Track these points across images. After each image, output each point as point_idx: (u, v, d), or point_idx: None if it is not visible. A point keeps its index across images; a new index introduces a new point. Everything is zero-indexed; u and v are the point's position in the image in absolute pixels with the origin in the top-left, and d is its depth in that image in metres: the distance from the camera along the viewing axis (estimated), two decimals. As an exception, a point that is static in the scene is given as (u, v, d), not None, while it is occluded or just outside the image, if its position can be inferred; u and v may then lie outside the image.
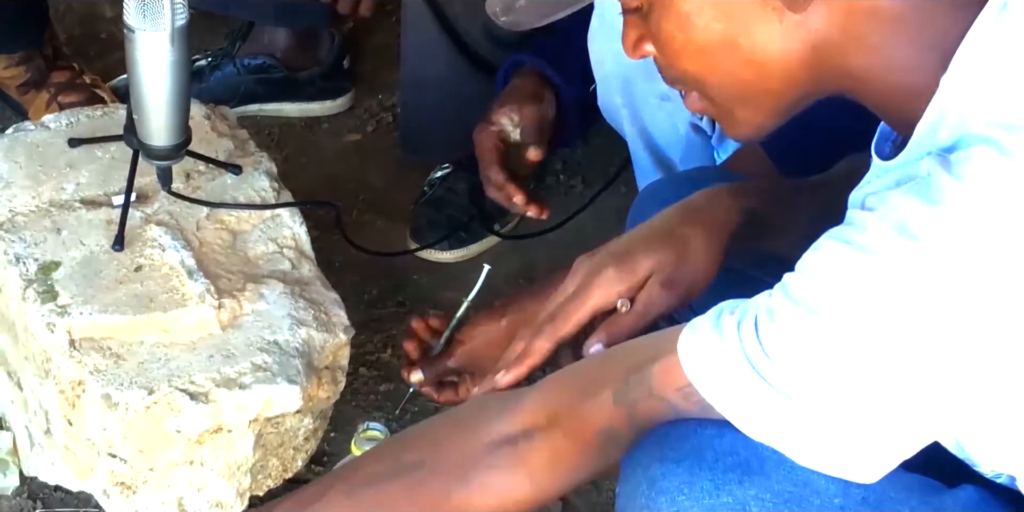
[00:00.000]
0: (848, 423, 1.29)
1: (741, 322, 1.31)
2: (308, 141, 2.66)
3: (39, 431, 2.04)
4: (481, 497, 1.46)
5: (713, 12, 1.34)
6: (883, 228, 1.25)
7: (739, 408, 1.31)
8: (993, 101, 1.25)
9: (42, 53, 2.58)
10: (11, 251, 1.99)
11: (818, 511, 1.37)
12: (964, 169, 1.22)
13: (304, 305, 1.99)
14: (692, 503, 1.37)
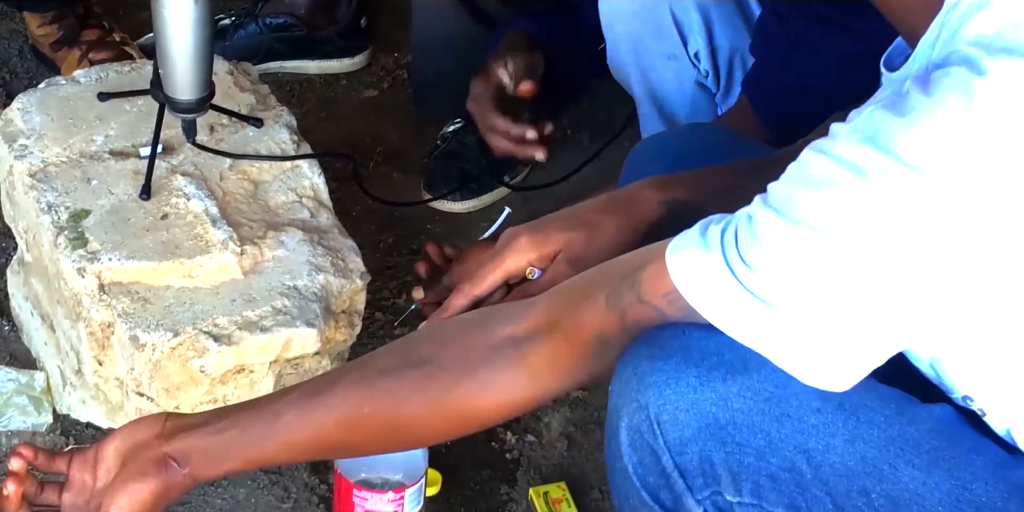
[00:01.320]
0: (821, 327, 1.29)
1: (724, 230, 1.31)
2: (327, 97, 2.66)
3: (71, 371, 2.05)
4: (483, 393, 1.46)
5: None
6: (854, 138, 1.26)
7: (720, 312, 1.32)
8: (980, 20, 1.24)
9: (73, 12, 2.57)
10: (43, 200, 2.00)
11: (796, 411, 1.38)
12: (938, 86, 1.22)
13: (322, 252, 1.99)
14: (677, 397, 1.39)
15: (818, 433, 1.38)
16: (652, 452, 1.42)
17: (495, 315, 1.52)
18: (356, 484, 1.90)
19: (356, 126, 2.59)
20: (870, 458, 1.39)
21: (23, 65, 2.64)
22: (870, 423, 1.39)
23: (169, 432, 1.50)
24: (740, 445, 1.39)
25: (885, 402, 1.41)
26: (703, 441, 1.40)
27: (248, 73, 2.22)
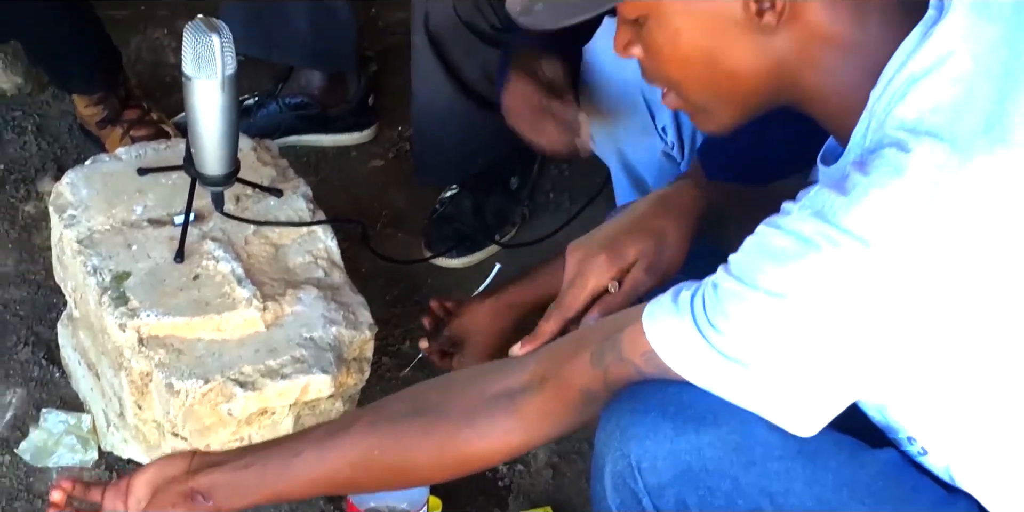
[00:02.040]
0: (787, 381, 1.29)
1: (694, 297, 1.32)
2: (339, 167, 2.65)
3: (114, 414, 2.05)
4: (480, 440, 1.46)
5: (699, 31, 1.34)
6: (804, 214, 1.26)
7: (694, 370, 1.32)
8: (903, 108, 1.26)
9: (116, 94, 2.56)
10: (89, 263, 2.00)
11: (760, 458, 1.37)
12: (872, 166, 1.23)
13: (335, 307, 1.99)
14: (656, 447, 1.38)
15: (780, 478, 1.38)
16: (633, 495, 1.42)
17: (493, 369, 1.52)
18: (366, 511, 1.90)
19: (365, 192, 2.58)
20: (825, 500, 1.39)
21: (72, 141, 2.63)
22: (825, 468, 1.39)
23: (196, 468, 1.50)
24: (711, 489, 1.39)
25: (839, 448, 1.40)
26: (678, 486, 1.39)
27: (269, 149, 2.22)
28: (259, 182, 2.08)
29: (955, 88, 1.25)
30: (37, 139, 2.61)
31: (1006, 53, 1.27)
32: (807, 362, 1.28)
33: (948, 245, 1.22)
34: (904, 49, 1.28)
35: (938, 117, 1.24)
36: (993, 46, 1.27)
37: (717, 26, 1.33)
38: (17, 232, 2.43)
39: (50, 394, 2.16)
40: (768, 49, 1.34)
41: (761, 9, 1.30)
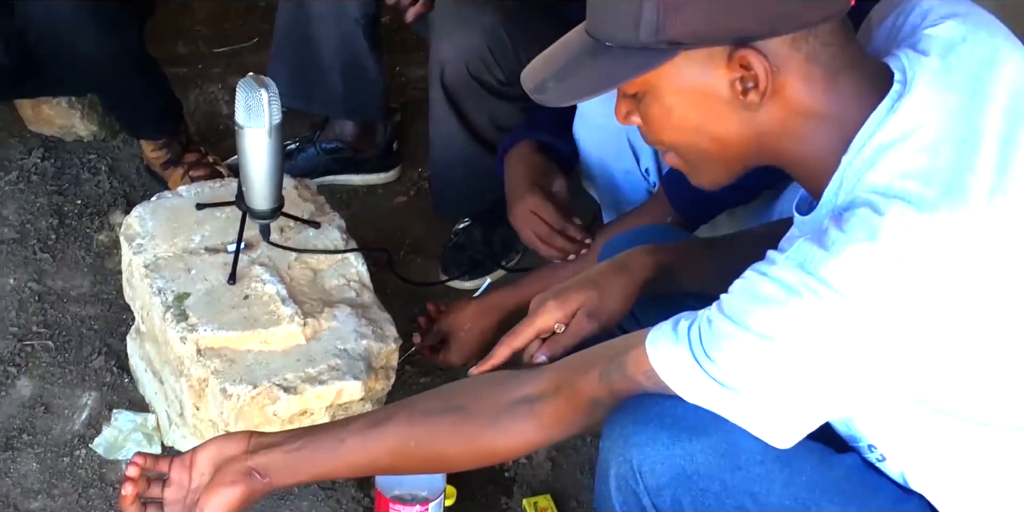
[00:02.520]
0: (771, 405, 1.30)
1: (691, 326, 1.31)
2: (368, 203, 2.65)
3: (175, 414, 2.06)
4: (503, 437, 1.46)
5: (690, 107, 1.32)
6: (789, 264, 1.25)
7: (690, 391, 1.32)
8: (875, 174, 1.25)
9: (178, 140, 2.57)
10: (155, 285, 2.01)
11: (744, 463, 1.38)
12: (849, 223, 1.23)
13: (365, 323, 2.00)
14: (655, 453, 1.39)
15: (761, 480, 1.39)
16: (635, 494, 1.43)
17: (515, 377, 1.51)
18: (391, 498, 1.90)
19: (390, 225, 2.58)
20: (800, 498, 1.40)
21: (140, 180, 2.63)
22: (799, 471, 1.40)
23: (253, 448, 1.50)
24: (703, 490, 1.40)
25: (810, 453, 1.41)
26: (674, 487, 1.40)
27: (308, 187, 2.23)
28: (300, 216, 2.10)
29: (921, 156, 1.24)
30: (109, 178, 2.61)
31: (964, 121, 1.26)
32: (789, 391, 1.28)
33: (914, 296, 1.21)
34: (873, 120, 1.27)
35: (907, 183, 1.22)
36: (953, 115, 1.26)
37: (706, 103, 1.31)
38: (92, 258, 2.43)
39: (120, 397, 2.17)
40: (752, 122, 1.31)
41: (746, 89, 1.28)
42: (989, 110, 1.28)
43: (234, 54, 2.97)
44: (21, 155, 2.66)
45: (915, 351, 1.25)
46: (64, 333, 2.29)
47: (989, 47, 1.32)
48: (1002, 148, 1.26)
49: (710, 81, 1.29)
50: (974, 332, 1.24)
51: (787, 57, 1.27)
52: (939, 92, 1.28)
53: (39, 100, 2.65)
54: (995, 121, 1.27)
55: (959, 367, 1.27)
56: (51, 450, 2.09)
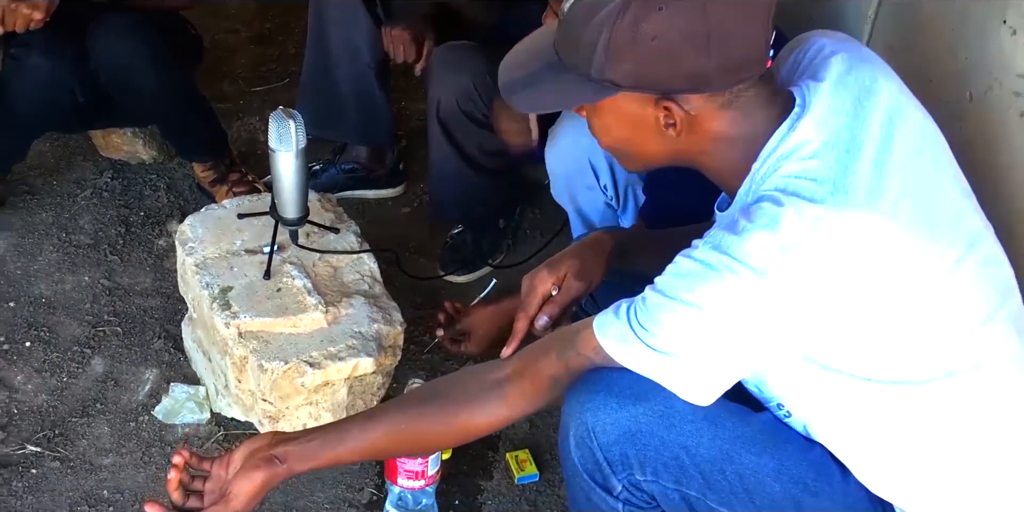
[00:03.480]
0: (694, 365, 1.30)
1: (629, 307, 1.33)
2: (379, 213, 2.65)
3: (221, 386, 2.07)
4: (478, 416, 1.46)
5: (623, 128, 1.35)
6: (706, 248, 1.27)
7: (629, 359, 1.33)
8: (776, 177, 1.27)
9: (224, 162, 2.57)
10: (203, 280, 2.02)
11: (678, 423, 1.39)
12: (755, 214, 1.25)
13: (376, 310, 2.00)
14: (605, 416, 1.40)
15: (692, 436, 1.40)
16: (590, 450, 1.44)
17: (486, 367, 1.51)
18: (398, 453, 1.89)
19: (397, 230, 2.58)
20: (725, 450, 1.40)
21: (192, 195, 2.63)
22: (723, 427, 1.41)
23: (274, 442, 1.49)
24: (644, 445, 1.41)
25: (731, 413, 1.42)
26: (622, 443, 1.42)
27: (330, 200, 2.23)
28: (323, 223, 2.12)
29: (813, 162, 1.26)
30: (167, 194, 2.62)
31: (849, 135, 1.28)
32: (712, 352, 1.29)
33: (808, 271, 1.22)
34: (777, 136, 1.29)
35: (801, 182, 1.25)
36: (840, 131, 1.28)
37: (636, 127, 1.33)
38: (153, 259, 2.44)
39: (176, 372, 2.18)
40: (671, 145, 1.34)
41: (668, 124, 1.31)
42: (869, 126, 1.30)
43: (269, 92, 2.97)
44: (94, 175, 2.67)
45: (812, 316, 1.25)
46: (130, 320, 2.30)
47: (869, 77, 1.34)
48: (879, 155, 1.28)
49: (641, 114, 1.32)
50: (858, 302, 1.25)
51: (703, 106, 1.29)
52: (829, 113, 1.29)
53: (109, 130, 2.65)
54: (874, 134, 1.29)
55: (847, 329, 1.28)
56: (119, 416, 2.10)
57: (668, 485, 1.43)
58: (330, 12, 2.41)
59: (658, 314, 1.29)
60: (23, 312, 2.29)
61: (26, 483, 1.97)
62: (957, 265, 1.29)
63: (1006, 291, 1.37)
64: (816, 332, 1.28)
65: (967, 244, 1.32)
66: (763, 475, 1.40)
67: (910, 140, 1.31)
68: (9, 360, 2.19)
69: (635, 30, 1.24)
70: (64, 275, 2.38)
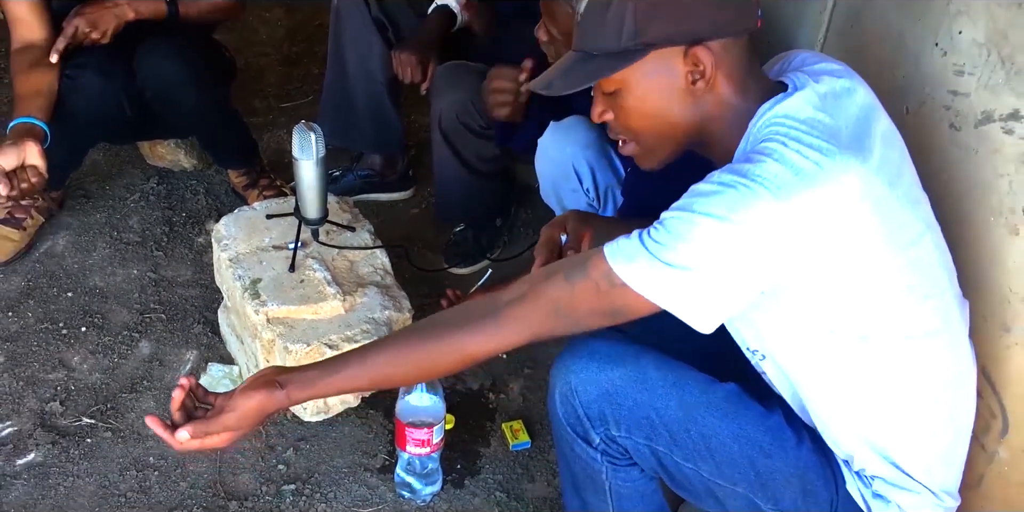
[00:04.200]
0: (701, 282, 1.19)
1: (642, 232, 1.23)
2: (391, 213, 2.63)
3: (252, 366, 2.05)
4: (471, 339, 1.29)
5: (657, 94, 1.30)
6: (722, 173, 1.21)
7: (637, 276, 1.21)
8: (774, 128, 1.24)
9: (255, 169, 2.56)
10: (236, 273, 2.00)
11: (650, 386, 1.39)
12: (763, 151, 1.21)
13: (387, 299, 1.98)
14: (586, 377, 1.40)
15: (662, 398, 1.39)
16: (572, 407, 1.44)
17: (491, 293, 1.34)
18: (407, 424, 1.88)
19: (407, 229, 2.57)
20: (690, 412, 1.40)
21: (227, 198, 2.62)
22: (690, 393, 1.40)
23: (279, 371, 1.34)
24: (619, 405, 1.40)
25: (696, 381, 1.41)
26: (600, 402, 1.41)
27: (347, 202, 2.21)
28: (341, 223, 2.11)
29: (808, 120, 1.23)
30: (206, 197, 2.60)
31: (833, 119, 1.25)
32: (727, 266, 1.18)
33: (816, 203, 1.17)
34: (772, 101, 1.27)
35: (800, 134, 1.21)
36: (826, 111, 1.25)
37: (667, 91, 1.29)
38: (193, 255, 2.42)
39: (213, 354, 2.17)
40: (696, 107, 1.30)
41: (695, 80, 1.27)
42: (849, 115, 1.28)
43: (295, 108, 2.95)
44: (142, 181, 2.66)
45: (810, 246, 1.19)
46: (173, 308, 2.30)
47: (848, 81, 1.33)
48: (861, 134, 1.26)
49: (671, 74, 1.28)
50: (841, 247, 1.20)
51: (722, 57, 1.27)
52: (817, 97, 1.27)
53: (154, 141, 2.65)
54: (854, 121, 1.27)
55: (825, 277, 1.22)
56: (164, 392, 2.09)
57: (639, 441, 1.42)
58: (348, 38, 2.41)
59: (676, 228, 1.18)
60: (79, 301, 2.29)
61: (82, 451, 1.97)
62: (919, 238, 1.28)
63: (951, 275, 1.37)
64: (807, 265, 1.21)
65: (925, 225, 1.31)
66: (723, 436, 1.39)
67: (882, 132, 1.30)
68: (67, 343, 2.19)
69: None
70: (115, 269, 2.38)
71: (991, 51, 1.45)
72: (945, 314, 1.34)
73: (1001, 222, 1.45)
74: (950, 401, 1.38)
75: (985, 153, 1.47)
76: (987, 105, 1.46)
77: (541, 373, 2.17)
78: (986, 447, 1.52)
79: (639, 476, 1.51)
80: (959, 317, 1.37)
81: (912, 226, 1.28)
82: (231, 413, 1.31)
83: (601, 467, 1.49)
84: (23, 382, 2.09)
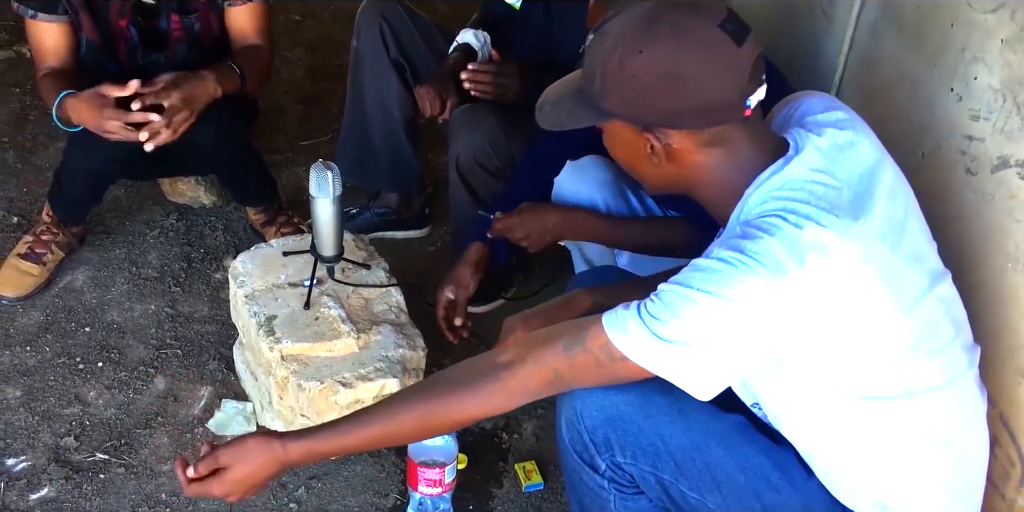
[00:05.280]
0: (698, 357, 1.21)
1: (639, 304, 1.25)
2: (407, 251, 2.62)
3: (266, 402, 2.05)
4: (474, 401, 1.32)
5: (623, 150, 1.33)
6: (722, 249, 1.22)
7: (635, 349, 1.23)
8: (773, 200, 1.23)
9: (273, 207, 2.56)
10: (252, 309, 2.00)
11: (655, 413, 1.38)
12: (762, 226, 1.21)
13: (402, 337, 1.98)
14: (592, 403, 1.39)
15: (667, 426, 1.39)
16: (578, 432, 1.43)
17: (488, 353, 1.38)
18: (419, 464, 1.87)
19: (422, 266, 2.56)
20: (695, 441, 1.39)
21: (245, 235, 2.62)
22: (695, 422, 1.39)
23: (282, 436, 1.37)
24: (625, 431, 1.40)
25: (702, 409, 1.40)
26: (605, 427, 1.40)
27: (363, 240, 2.22)
28: (356, 260, 2.10)
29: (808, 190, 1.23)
30: (224, 234, 2.60)
31: (835, 180, 1.25)
32: (722, 342, 1.20)
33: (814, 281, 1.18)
34: (771, 169, 1.26)
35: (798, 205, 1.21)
36: (828, 173, 1.25)
37: (632, 151, 1.31)
38: (210, 291, 2.42)
39: (227, 390, 2.16)
40: (661, 171, 1.31)
41: (650, 152, 1.29)
42: (853, 172, 1.28)
43: (314, 146, 2.96)
44: (161, 217, 2.67)
45: (810, 320, 1.20)
46: (189, 344, 2.29)
47: (852, 133, 1.32)
48: (863, 195, 1.26)
49: (633, 140, 1.30)
50: (842, 316, 1.21)
51: (683, 141, 1.28)
52: (819, 156, 1.26)
53: (175, 178, 2.65)
54: (857, 179, 1.28)
55: (829, 341, 1.23)
56: (177, 428, 2.09)
57: (645, 468, 1.41)
58: (367, 78, 2.43)
59: (674, 303, 1.20)
60: (97, 336, 2.29)
61: (95, 486, 1.96)
62: (923, 296, 1.28)
63: (959, 324, 1.36)
64: (808, 336, 1.22)
65: (929, 281, 1.30)
66: (729, 467, 1.38)
67: (886, 186, 1.29)
68: (83, 378, 2.19)
69: (621, 68, 1.24)
70: (133, 304, 2.38)
71: (1007, 97, 1.45)
72: (951, 367, 1.33)
73: (1018, 268, 1.44)
74: (959, 449, 1.36)
75: (1001, 198, 1.47)
76: (1003, 150, 1.46)
77: (554, 414, 2.11)
78: (1005, 496, 1.50)
79: (648, 506, 1.50)
80: (966, 366, 1.36)
81: (916, 284, 1.28)
82: (230, 471, 1.35)
83: (609, 496, 1.47)
84: (39, 416, 2.09)
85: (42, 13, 2.20)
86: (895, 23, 1.79)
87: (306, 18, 3.53)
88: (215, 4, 2.28)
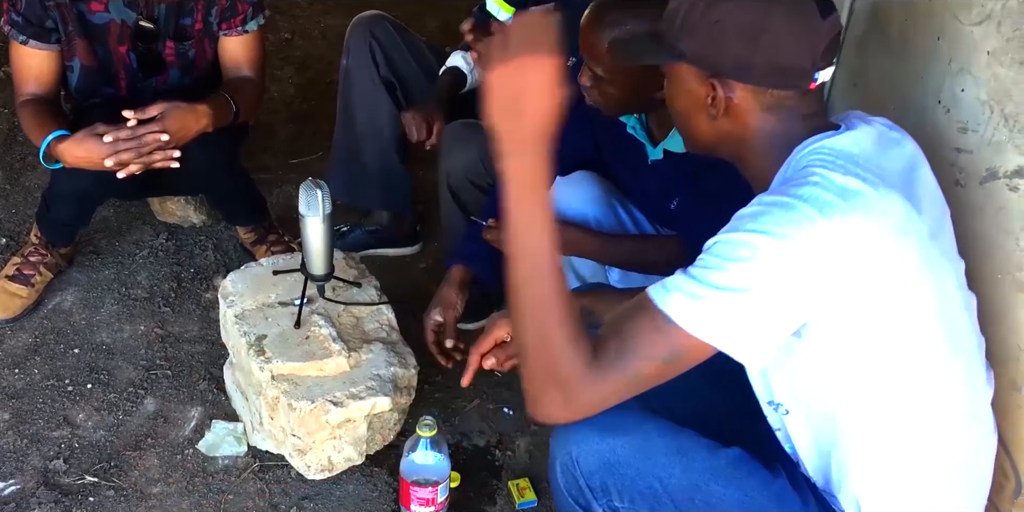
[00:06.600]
0: (750, 305, 1.16)
1: (683, 270, 1.21)
2: (398, 269, 2.62)
3: (256, 422, 2.04)
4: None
5: (682, 97, 1.32)
6: (766, 196, 1.21)
7: (683, 312, 1.17)
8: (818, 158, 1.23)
9: (263, 225, 2.56)
10: (242, 329, 2.00)
11: (653, 454, 1.37)
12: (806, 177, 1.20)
13: (393, 355, 1.98)
14: (588, 447, 1.38)
15: (666, 467, 1.38)
16: (573, 477, 1.42)
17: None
18: (411, 483, 1.86)
19: (413, 283, 2.56)
20: (695, 481, 1.38)
21: (236, 254, 2.61)
22: (694, 460, 1.38)
23: None
24: (622, 474, 1.38)
25: (701, 447, 1.40)
26: (602, 472, 1.39)
27: (354, 258, 2.22)
28: (347, 279, 2.10)
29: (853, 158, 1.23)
30: (214, 253, 2.60)
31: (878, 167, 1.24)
32: (779, 287, 1.16)
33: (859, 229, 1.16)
34: (820, 136, 1.25)
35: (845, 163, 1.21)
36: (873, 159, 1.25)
37: (690, 99, 1.31)
38: (200, 310, 2.41)
39: (218, 410, 2.15)
40: (714, 126, 1.30)
41: (710, 103, 1.29)
42: (895, 167, 1.28)
43: (305, 164, 2.96)
44: (151, 237, 2.66)
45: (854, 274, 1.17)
46: (179, 365, 2.28)
47: (920, 159, 1.34)
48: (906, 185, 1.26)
49: (695, 89, 1.30)
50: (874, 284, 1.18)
51: (745, 98, 1.27)
52: (868, 141, 1.26)
53: (164, 198, 2.65)
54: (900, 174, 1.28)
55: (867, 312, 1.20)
56: (167, 449, 2.08)
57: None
58: (357, 97, 2.43)
59: (724, 251, 1.17)
60: (86, 357, 2.28)
61: (84, 510, 1.94)
62: (952, 292, 1.28)
63: (980, 345, 1.36)
64: (846, 293, 1.18)
65: (958, 282, 1.31)
66: (729, 504, 1.37)
67: (928, 190, 1.31)
68: (72, 400, 2.17)
69: (705, 11, 1.25)
70: (123, 324, 2.37)
71: (994, 108, 1.46)
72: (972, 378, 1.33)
73: (1008, 279, 1.44)
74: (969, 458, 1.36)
75: (991, 210, 1.47)
76: (991, 162, 1.47)
77: (548, 430, 2.10)
78: (999, 508, 1.49)
79: (645, 548, 1.49)
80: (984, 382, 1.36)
81: (949, 280, 1.27)
82: None
83: None
84: (27, 440, 2.07)
85: (34, 40, 2.18)
86: (882, 37, 1.80)
87: (296, 36, 3.54)
88: (211, 32, 2.28)
